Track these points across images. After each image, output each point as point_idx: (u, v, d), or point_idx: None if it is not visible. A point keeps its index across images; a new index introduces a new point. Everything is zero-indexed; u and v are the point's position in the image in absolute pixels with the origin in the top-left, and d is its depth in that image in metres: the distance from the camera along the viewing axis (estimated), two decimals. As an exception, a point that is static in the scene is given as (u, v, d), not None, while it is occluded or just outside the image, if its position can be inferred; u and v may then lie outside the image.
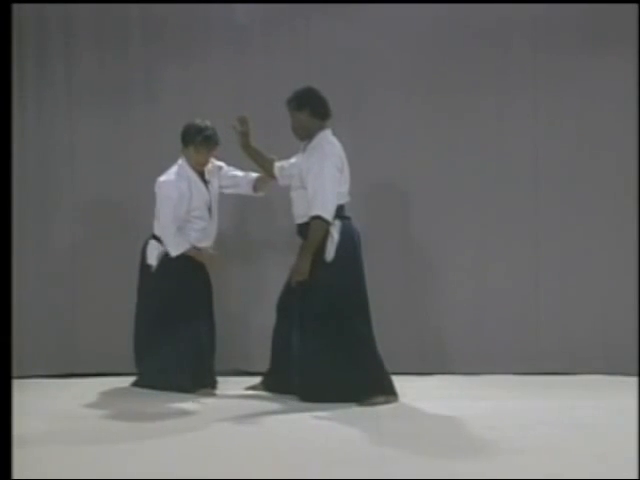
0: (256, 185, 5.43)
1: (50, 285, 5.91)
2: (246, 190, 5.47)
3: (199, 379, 5.17)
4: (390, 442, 4.00)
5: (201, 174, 5.35)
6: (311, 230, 4.82)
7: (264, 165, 5.26)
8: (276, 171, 5.18)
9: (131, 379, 5.43)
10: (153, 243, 5.33)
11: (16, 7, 5.27)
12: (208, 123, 5.27)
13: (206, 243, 5.38)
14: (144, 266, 5.35)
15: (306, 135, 4.97)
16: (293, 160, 5.08)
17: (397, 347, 5.51)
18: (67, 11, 5.91)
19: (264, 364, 5.27)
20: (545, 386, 5.41)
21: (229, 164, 5.47)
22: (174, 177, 5.27)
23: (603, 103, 5.76)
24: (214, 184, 5.41)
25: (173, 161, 5.33)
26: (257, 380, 5.30)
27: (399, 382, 4.95)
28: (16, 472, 3.25)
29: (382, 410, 4.67)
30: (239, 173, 5.45)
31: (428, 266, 5.85)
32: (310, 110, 4.93)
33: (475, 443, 3.96)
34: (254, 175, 5.44)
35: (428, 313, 5.86)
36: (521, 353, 5.79)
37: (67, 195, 5.94)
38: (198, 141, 5.23)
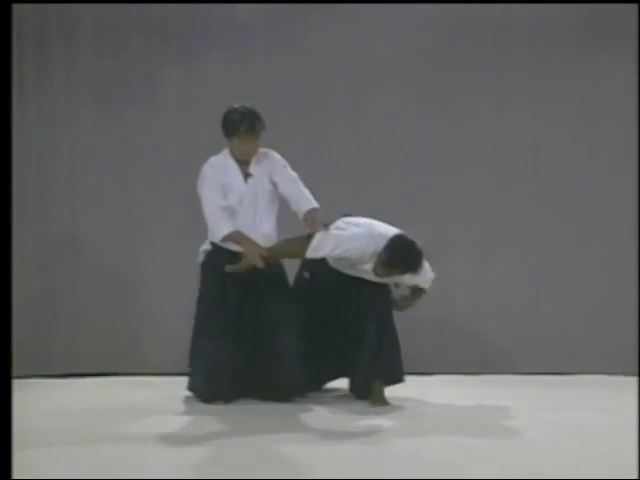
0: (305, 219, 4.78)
1: (50, 285, 5.91)
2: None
3: (216, 390, 4.82)
4: (390, 442, 4.00)
5: (246, 164, 4.77)
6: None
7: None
8: None
9: (131, 379, 5.42)
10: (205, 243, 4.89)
11: (16, 7, 5.26)
12: (249, 106, 4.73)
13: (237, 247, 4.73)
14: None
15: None
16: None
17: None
18: (67, 11, 5.91)
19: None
20: (545, 386, 5.41)
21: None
22: (212, 159, 4.80)
23: (603, 103, 5.76)
24: (260, 179, 4.77)
25: (173, 160, 5.31)
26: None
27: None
28: (16, 472, 3.25)
29: (382, 410, 4.67)
30: (293, 192, 4.79)
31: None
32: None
33: (475, 443, 3.96)
34: (306, 208, 4.75)
35: (428, 313, 5.86)
36: (521, 353, 5.80)
37: (67, 194, 5.94)
38: (243, 131, 4.68)
